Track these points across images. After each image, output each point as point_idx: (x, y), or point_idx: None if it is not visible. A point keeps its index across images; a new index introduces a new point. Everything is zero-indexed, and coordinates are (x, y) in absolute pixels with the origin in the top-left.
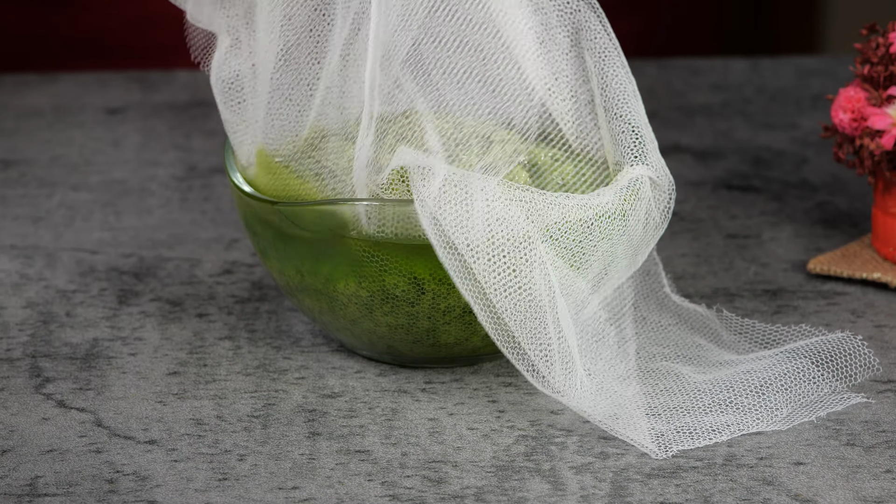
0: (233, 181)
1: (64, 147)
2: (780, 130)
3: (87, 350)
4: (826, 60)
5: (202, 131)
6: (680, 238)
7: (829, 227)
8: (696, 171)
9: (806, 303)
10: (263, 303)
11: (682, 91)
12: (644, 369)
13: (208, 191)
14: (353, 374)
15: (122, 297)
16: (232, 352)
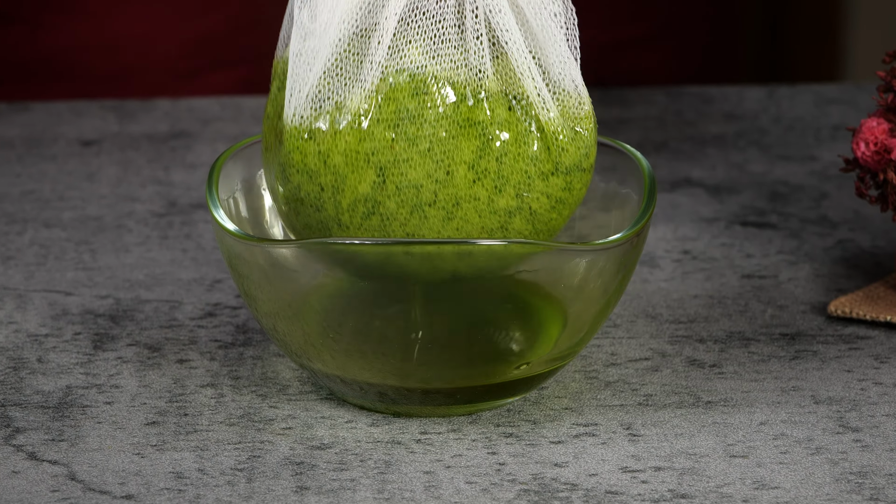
0: (215, 217)
1: (35, 181)
2: (798, 163)
3: (59, 398)
4: (847, 88)
5: (183, 164)
6: (692, 278)
7: (851, 266)
8: (709, 207)
9: (826, 347)
10: (248, 347)
11: (694, 121)
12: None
13: (189, 228)
14: (344, 424)
15: (98, 342)
16: (214, 400)
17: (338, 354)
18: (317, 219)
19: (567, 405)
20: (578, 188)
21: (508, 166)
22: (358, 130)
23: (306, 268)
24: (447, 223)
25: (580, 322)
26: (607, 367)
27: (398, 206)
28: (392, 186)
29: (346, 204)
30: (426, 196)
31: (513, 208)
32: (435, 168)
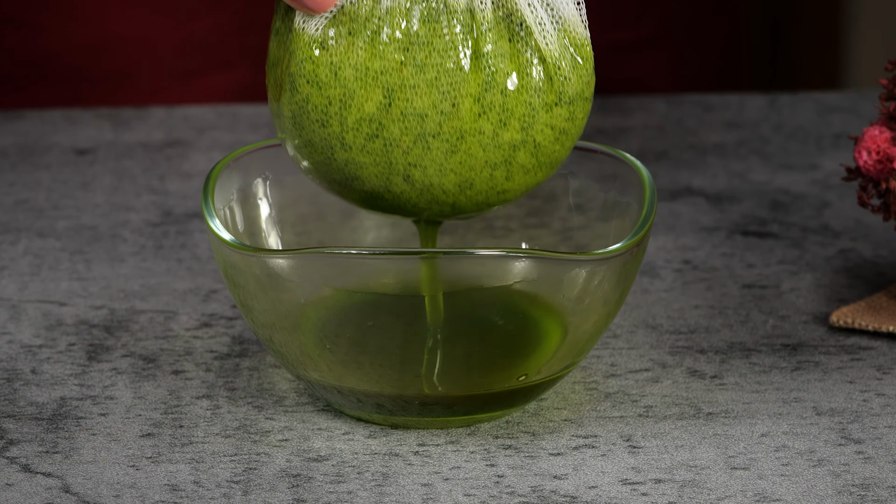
0: (211, 227)
1: (29, 190)
2: (800, 172)
3: (53, 410)
4: (849, 96)
5: (178, 173)
6: (692, 288)
7: (853, 276)
8: (710, 216)
9: (828, 358)
10: (244, 359)
11: (695, 129)
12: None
13: (185, 238)
14: (341, 436)
15: (92, 353)
16: (210, 412)
17: (335, 365)
18: (321, 135)
19: (566, 417)
20: (581, 118)
21: (513, 99)
22: (371, 46)
23: (303, 278)
24: (451, 156)
25: (580, 332)
26: (607, 378)
27: (402, 133)
28: (397, 111)
29: (351, 121)
30: (430, 127)
31: (517, 142)
32: (441, 99)
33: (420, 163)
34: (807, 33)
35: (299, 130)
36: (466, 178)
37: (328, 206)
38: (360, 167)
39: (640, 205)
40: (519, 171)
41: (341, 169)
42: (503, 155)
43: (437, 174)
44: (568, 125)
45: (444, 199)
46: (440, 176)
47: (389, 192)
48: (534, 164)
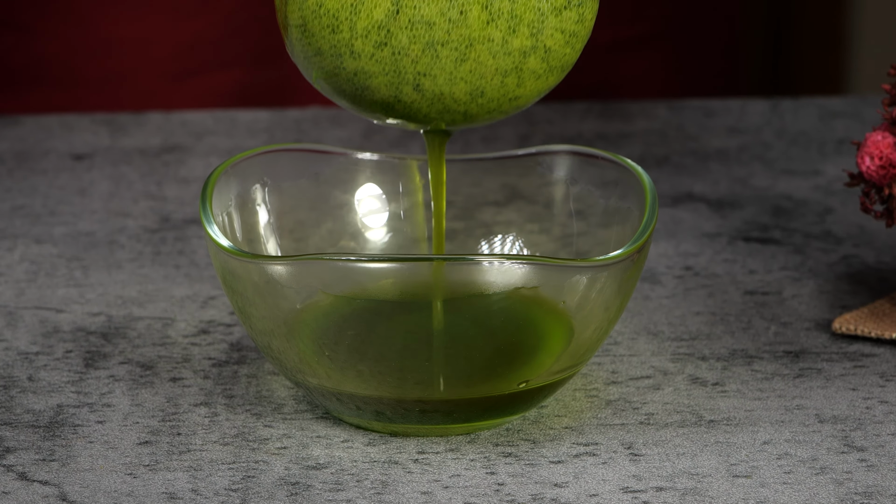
0: (209, 233)
1: (26, 196)
2: (802, 177)
3: (50, 417)
4: (851, 101)
5: (176, 179)
6: (694, 295)
7: (856, 282)
8: (712, 222)
9: (831, 365)
10: (242, 366)
11: (696, 134)
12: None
13: (183, 244)
14: (340, 444)
15: (89, 360)
16: (208, 419)
17: (333, 372)
18: (331, 42)
19: (567, 424)
20: (590, 18)
21: (521, 4)
22: None
23: (302, 285)
24: (460, 65)
25: (580, 339)
26: (608, 385)
27: (410, 42)
28: (405, 18)
29: (360, 27)
30: (438, 35)
31: (527, 48)
32: (448, 6)
33: (430, 72)
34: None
35: (309, 38)
36: (477, 86)
37: (327, 211)
38: (369, 76)
39: (641, 211)
40: (530, 76)
41: (351, 79)
42: (513, 62)
43: (448, 83)
44: (578, 27)
45: (456, 108)
46: (450, 85)
47: (400, 102)
48: (545, 69)
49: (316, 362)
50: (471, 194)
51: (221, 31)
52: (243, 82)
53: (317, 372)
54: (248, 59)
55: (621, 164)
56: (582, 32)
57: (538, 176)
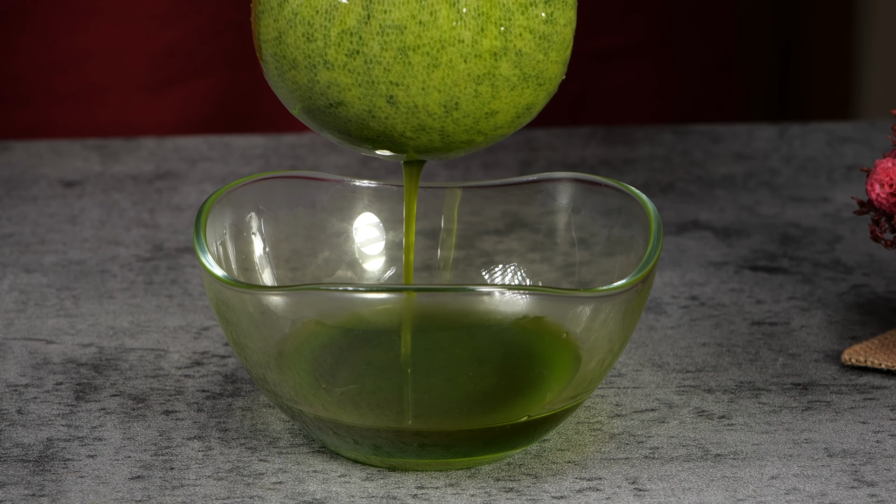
0: (203, 262)
1: (15, 224)
2: (811, 205)
3: (40, 451)
4: (861, 127)
5: (169, 206)
6: (700, 325)
7: (866, 312)
8: (718, 251)
9: (840, 398)
10: (237, 398)
11: (702, 161)
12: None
13: (176, 273)
14: (337, 478)
15: (80, 392)
16: (202, 453)
17: (330, 405)
18: (305, 52)
19: (570, 458)
20: (562, 24)
21: (486, 1)
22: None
23: (298, 316)
24: (432, 71)
25: (584, 371)
26: (612, 418)
27: (381, 49)
28: (376, 24)
29: (334, 34)
30: (410, 39)
31: (498, 49)
32: (419, 9)
33: (402, 81)
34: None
35: (284, 50)
36: (451, 95)
37: (323, 241)
38: (343, 89)
39: (645, 239)
40: (504, 85)
41: (325, 93)
42: (485, 66)
43: (421, 93)
44: (548, 29)
45: (432, 125)
46: (424, 95)
47: (374, 119)
48: (519, 77)
49: (312, 395)
50: (471, 222)
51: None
52: (221, 88)
53: (313, 404)
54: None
55: (625, 192)
56: (554, 37)
57: (540, 204)
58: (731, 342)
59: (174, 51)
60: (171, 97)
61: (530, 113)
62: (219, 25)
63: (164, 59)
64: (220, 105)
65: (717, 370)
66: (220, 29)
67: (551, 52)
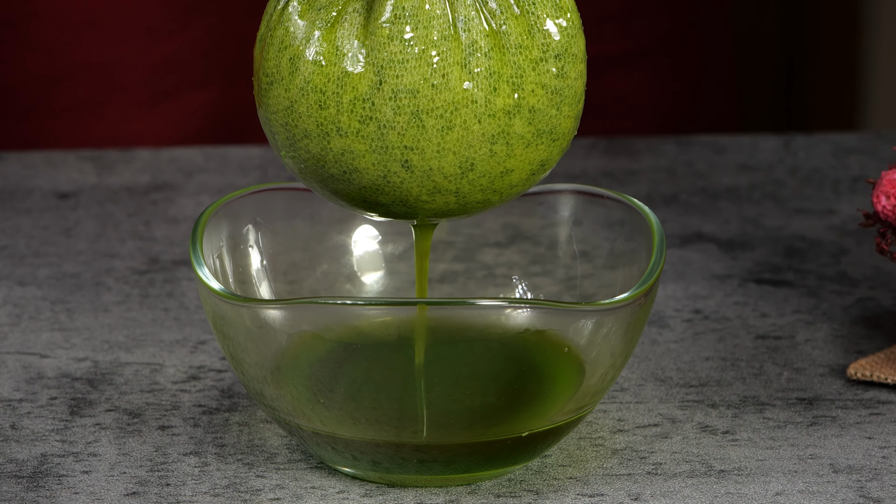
0: (199, 276)
1: (9, 236)
2: (816, 217)
3: (34, 467)
4: (867, 138)
5: (165, 218)
6: (703, 339)
7: (872, 326)
8: (722, 263)
9: (846, 413)
10: (234, 413)
11: (705, 172)
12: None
13: (172, 286)
14: (335, 495)
15: (75, 407)
16: (198, 469)
17: (329, 420)
18: (317, 120)
19: (571, 474)
20: (573, 77)
21: (497, 60)
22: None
23: (296, 329)
24: (447, 133)
25: (586, 386)
26: (614, 433)
27: (395, 114)
28: (388, 89)
29: (346, 101)
30: (423, 103)
31: (511, 107)
32: (430, 72)
33: (417, 145)
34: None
35: (296, 119)
36: (466, 157)
37: (322, 253)
38: (356, 157)
39: (648, 252)
40: (519, 143)
41: (338, 160)
42: (499, 125)
43: (436, 156)
44: (559, 83)
45: (447, 187)
46: (439, 158)
47: (389, 184)
48: (533, 134)
49: (310, 410)
50: (471, 235)
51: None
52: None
53: (311, 419)
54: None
55: (627, 204)
56: (566, 91)
57: (541, 216)
58: (735, 356)
59: (169, 64)
60: (166, 111)
61: (544, 169)
62: (215, 39)
63: (160, 73)
64: (216, 119)
65: (721, 385)
66: (215, 42)
67: (564, 106)
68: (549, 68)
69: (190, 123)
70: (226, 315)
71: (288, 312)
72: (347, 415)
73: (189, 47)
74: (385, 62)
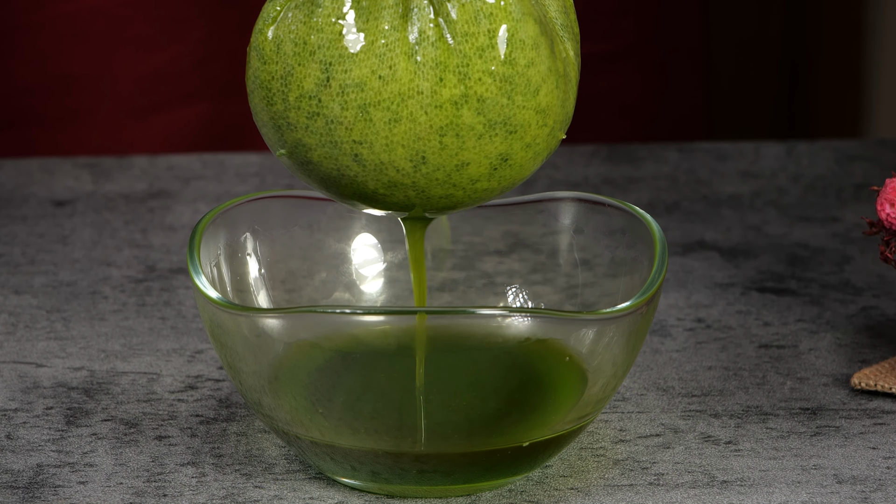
0: (197, 284)
1: (4, 244)
2: (819, 225)
3: (30, 478)
4: (871, 144)
5: (162, 226)
6: (706, 349)
7: (876, 335)
8: (724, 272)
9: (850, 423)
10: (231, 423)
11: (708, 179)
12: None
13: (169, 294)
14: None
15: (71, 417)
16: (196, 479)
17: (327, 431)
18: (269, 114)
19: (573, 485)
20: (523, 64)
21: (444, 50)
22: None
23: (294, 338)
24: (394, 126)
25: (587, 395)
26: (616, 443)
27: (342, 109)
28: (336, 85)
29: (292, 98)
30: (370, 96)
31: (457, 97)
32: (379, 64)
33: (365, 139)
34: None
35: (254, 108)
36: (416, 150)
37: (320, 261)
38: (308, 150)
39: (650, 260)
40: (470, 135)
41: (294, 153)
42: (446, 116)
43: (385, 150)
44: (508, 70)
45: (402, 181)
46: (389, 152)
47: (344, 178)
48: (484, 125)
49: (309, 419)
50: (472, 243)
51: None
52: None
53: (309, 429)
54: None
55: (629, 212)
56: (517, 79)
57: (542, 224)
58: (738, 365)
59: (160, 77)
60: (156, 124)
61: (509, 165)
62: (207, 51)
63: (150, 85)
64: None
65: (724, 394)
66: (207, 55)
67: (515, 95)
68: (495, 55)
69: (180, 135)
70: (223, 324)
71: (286, 321)
72: (346, 424)
73: (178, 60)
74: (333, 59)
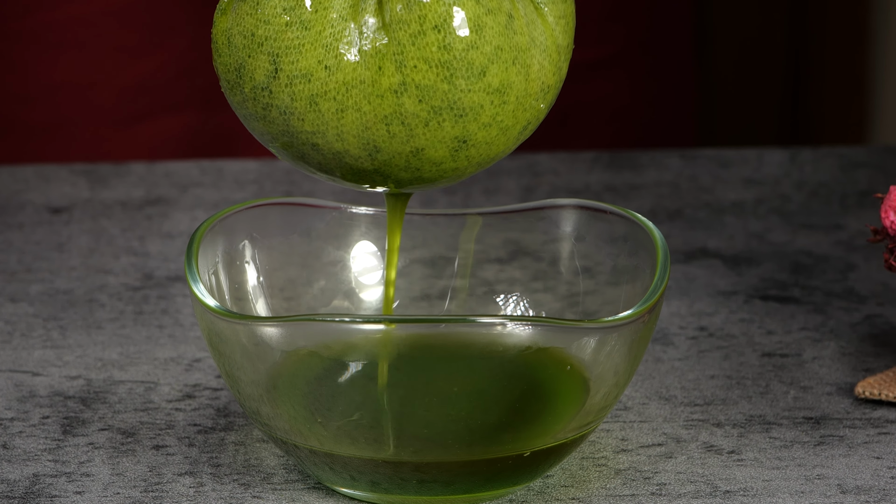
0: (194, 292)
1: (0, 252)
2: (823, 232)
3: (26, 488)
4: (875, 151)
5: (159, 233)
6: (708, 357)
7: (880, 344)
8: (727, 280)
9: (854, 432)
10: (230, 432)
11: (710, 186)
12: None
13: (167, 303)
14: None
15: (67, 427)
16: (193, 489)
17: (326, 440)
18: (233, 104)
19: (574, 495)
20: (461, 49)
21: (382, 38)
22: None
23: (293, 347)
24: (342, 116)
25: (588, 405)
26: (617, 453)
27: (292, 100)
28: (284, 76)
29: (248, 90)
30: (317, 87)
31: (396, 86)
32: (325, 54)
33: (318, 129)
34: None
35: (228, 97)
36: (366, 139)
37: (319, 269)
38: (273, 137)
39: (652, 268)
40: (416, 122)
41: (263, 138)
42: (389, 105)
43: (338, 139)
44: (444, 56)
45: (363, 167)
46: (341, 141)
47: (310, 164)
48: (428, 112)
49: (307, 428)
50: (472, 251)
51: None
52: (193, 125)
53: (308, 438)
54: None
55: (631, 219)
56: (455, 63)
57: (543, 231)
58: (741, 374)
59: (144, 86)
60: (140, 134)
61: (472, 145)
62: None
63: (135, 95)
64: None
65: (727, 403)
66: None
67: (456, 79)
68: (428, 41)
69: (166, 145)
70: (221, 332)
71: (284, 330)
72: (345, 434)
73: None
74: (281, 50)
